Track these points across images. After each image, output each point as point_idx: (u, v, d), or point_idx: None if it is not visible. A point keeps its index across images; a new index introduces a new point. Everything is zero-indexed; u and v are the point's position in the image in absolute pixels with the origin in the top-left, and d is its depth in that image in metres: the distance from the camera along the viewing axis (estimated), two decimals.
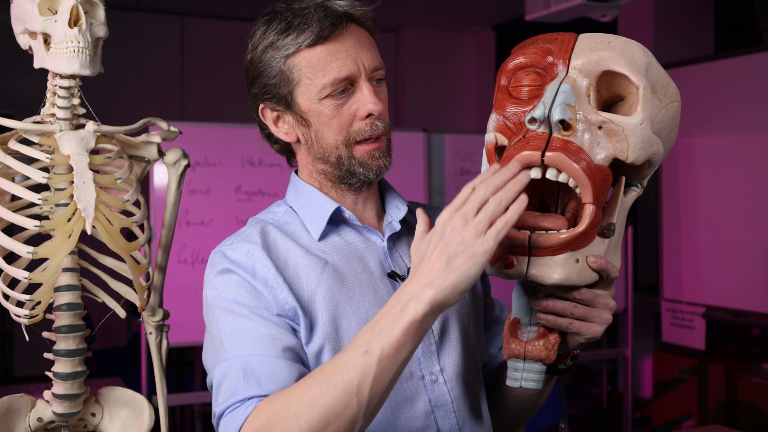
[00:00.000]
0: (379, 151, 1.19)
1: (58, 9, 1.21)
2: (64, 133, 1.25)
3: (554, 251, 0.99)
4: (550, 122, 0.99)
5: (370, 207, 1.26)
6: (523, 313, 1.09)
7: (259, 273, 1.13)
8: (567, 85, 1.01)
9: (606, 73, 1.03)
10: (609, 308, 1.06)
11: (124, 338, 5.24)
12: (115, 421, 1.36)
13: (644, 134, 1.01)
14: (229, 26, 5.98)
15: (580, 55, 1.04)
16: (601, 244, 1.04)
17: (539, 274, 1.00)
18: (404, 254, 1.24)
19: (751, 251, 3.82)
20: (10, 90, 5.42)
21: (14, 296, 1.26)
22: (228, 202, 3.65)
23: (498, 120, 1.08)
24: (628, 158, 1.01)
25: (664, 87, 1.06)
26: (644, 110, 1.01)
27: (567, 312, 1.04)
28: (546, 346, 1.06)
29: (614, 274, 1.04)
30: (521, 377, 1.07)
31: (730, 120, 3.92)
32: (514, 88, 1.08)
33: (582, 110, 1.01)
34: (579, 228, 0.99)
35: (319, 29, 1.14)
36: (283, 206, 1.26)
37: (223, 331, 1.11)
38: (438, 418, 1.17)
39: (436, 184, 4.24)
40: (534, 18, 3.81)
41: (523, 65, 1.08)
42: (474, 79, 6.67)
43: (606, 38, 1.05)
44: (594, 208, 0.99)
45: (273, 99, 1.21)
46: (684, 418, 3.94)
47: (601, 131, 1.01)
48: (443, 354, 1.20)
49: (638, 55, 1.03)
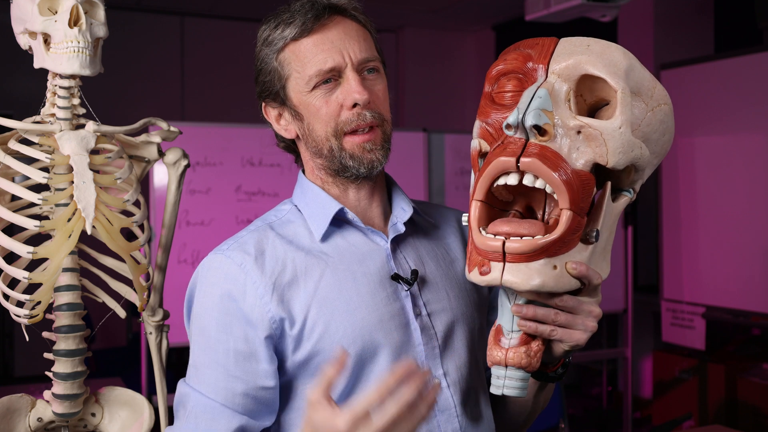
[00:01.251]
0: (371, 144, 1.17)
1: (58, 9, 1.21)
2: (64, 133, 1.25)
3: (530, 257, 0.98)
4: (525, 128, 0.99)
5: (375, 205, 1.25)
6: (505, 319, 1.07)
7: (249, 289, 1.13)
8: (543, 90, 1.00)
9: (585, 76, 1.02)
10: (593, 316, 1.05)
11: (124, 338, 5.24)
12: (115, 421, 1.36)
13: (623, 138, 1.00)
14: (229, 26, 5.98)
15: (559, 59, 1.03)
16: (583, 251, 1.02)
17: (514, 281, 0.99)
18: (408, 256, 1.23)
19: (751, 251, 3.82)
20: (10, 90, 5.42)
21: (14, 296, 1.26)
22: (228, 202, 3.65)
23: (481, 126, 1.08)
24: (608, 163, 1.00)
25: (649, 90, 1.04)
26: (623, 113, 1.00)
27: (548, 319, 1.03)
28: (527, 353, 1.04)
29: (596, 281, 1.03)
30: (503, 384, 1.05)
31: (730, 120, 3.92)
32: (497, 94, 1.08)
33: (560, 115, 1.00)
34: (554, 234, 0.98)
35: (303, 21, 1.15)
36: (288, 205, 1.26)
37: (193, 353, 1.18)
38: (441, 423, 1.16)
39: (436, 184, 4.24)
40: (534, 18, 3.80)
41: (505, 71, 1.07)
42: (474, 79, 6.67)
43: (585, 42, 1.04)
44: (571, 213, 0.98)
45: (271, 96, 1.21)
46: (684, 418, 3.94)
47: (580, 136, 1.00)
48: (446, 358, 1.19)
49: (617, 58, 1.02)
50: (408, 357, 1.16)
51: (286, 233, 1.20)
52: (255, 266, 1.14)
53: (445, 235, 1.31)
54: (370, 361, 1.13)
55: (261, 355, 1.13)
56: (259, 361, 1.13)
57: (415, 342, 1.17)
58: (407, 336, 1.16)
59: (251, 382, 1.13)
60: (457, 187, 4.30)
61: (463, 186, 4.31)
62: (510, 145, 1.01)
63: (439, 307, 1.20)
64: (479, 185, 1.04)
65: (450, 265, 1.26)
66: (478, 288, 1.29)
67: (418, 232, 1.27)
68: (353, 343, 1.12)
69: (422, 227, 1.28)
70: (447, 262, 1.26)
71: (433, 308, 1.20)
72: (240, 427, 1.12)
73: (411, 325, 1.17)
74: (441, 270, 1.24)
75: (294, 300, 1.13)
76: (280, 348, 1.14)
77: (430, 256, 1.25)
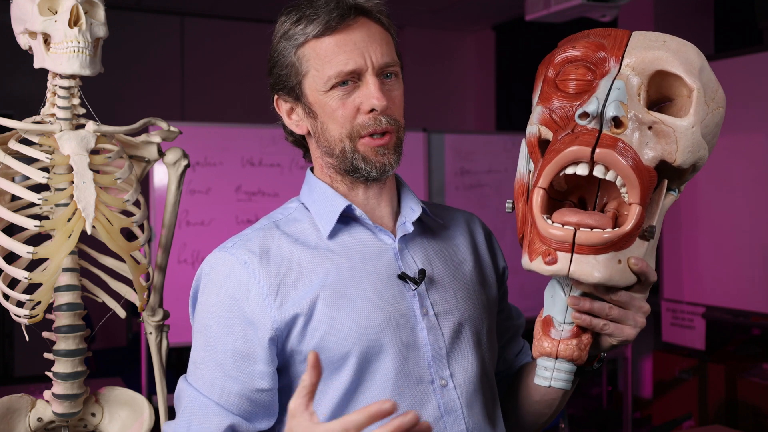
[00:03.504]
0: (384, 148, 1.17)
1: (58, 9, 1.21)
2: (64, 133, 1.25)
3: (598, 250, 0.97)
4: (603, 118, 0.97)
5: (384, 204, 1.24)
6: (557, 311, 1.06)
7: (252, 289, 1.13)
8: (621, 81, 0.98)
9: (659, 73, 1.00)
10: (644, 312, 1.05)
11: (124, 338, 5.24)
12: (115, 421, 1.36)
13: (694, 138, 0.99)
14: (229, 26, 5.98)
15: (634, 52, 1.01)
16: (641, 246, 1.01)
17: (581, 273, 0.97)
18: (416, 256, 1.22)
19: (751, 251, 3.82)
20: (10, 90, 5.41)
21: (14, 296, 1.26)
22: (228, 202, 3.65)
23: (544, 113, 1.04)
24: (676, 161, 0.99)
25: (713, 92, 1.04)
26: (696, 113, 0.99)
27: (603, 313, 1.03)
28: (579, 346, 1.04)
29: (653, 277, 1.02)
30: (551, 376, 1.05)
31: (730, 120, 3.88)
32: (561, 81, 1.05)
33: (633, 109, 0.98)
34: (625, 228, 0.97)
35: (327, 20, 1.14)
36: (295, 203, 1.26)
37: (193, 350, 1.18)
38: (447, 424, 1.15)
39: (436, 184, 4.24)
40: (534, 18, 3.80)
41: (573, 58, 1.05)
42: (474, 79, 6.66)
43: (661, 37, 1.03)
44: (641, 208, 0.97)
45: (285, 90, 1.20)
46: (684, 418, 3.94)
47: (651, 131, 0.99)
48: (453, 359, 1.18)
49: (693, 57, 1.01)
50: (414, 357, 1.15)
51: (292, 231, 1.20)
52: (259, 265, 1.14)
53: (454, 236, 1.30)
54: (375, 360, 1.13)
55: (259, 356, 1.12)
56: (256, 362, 1.12)
57: (422, 342, 1.16)
58: (413, 336, 1.16)
59: (247, 383, 1.12)
60: (457, 187, 4.29)
61: (463, 186, 4.31)
62: (582, 134, 0.98)
63: (446, 308, 1.20)
64: (545, 173, 1.01)
65: (458, 266, 1.26)
66: (487, 290, 1.28)
67: (427, 232, 1.27)
68: (358, 341, 1.12)
69: (431, 228, 1.28)
70: (455, 263, 1.26)
71: (440, 309, 1.19)
72: (231, 426, 1.12)
73: (418, 325, 1.16)
74: (449, 271, 1.24)
75: (299, 297, 1.13)
76: (287, 348, 1.13)
77: (438, 256, 1.24)
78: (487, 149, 4.35)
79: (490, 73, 6.47)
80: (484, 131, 5.01)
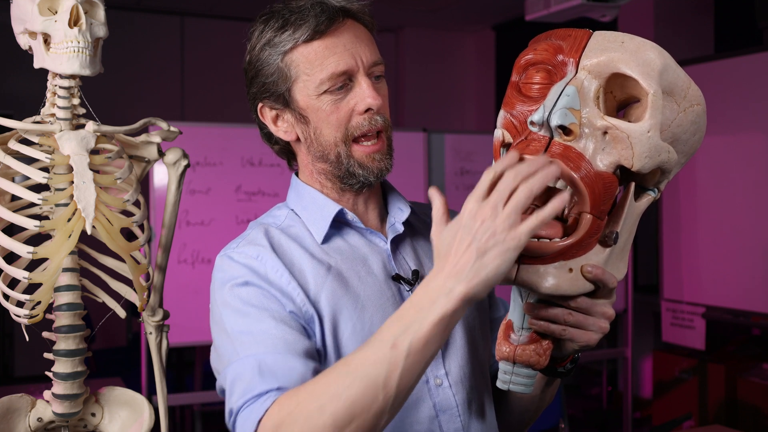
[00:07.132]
0: (379, 154, 1.18)
1: (58, 9, 1.21)
2: (64, 133, 1.25)
3: (545, 260, 0.96)
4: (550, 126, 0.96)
5: (372, 208, 1.25)
6: (516, 315, 1.05)
7: (273, 278, 1.12)
8: (572, 87, 0.97)
9: (615, 75, 0.98)
10: (606, 317, 1.03)
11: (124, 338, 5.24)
12: (115, 421, 1.36)
13: (651, 142, 0.97)
14: (229, 26, 5.98)
15: (591, 54, 0.99)
16: (601, 253, 0.99)
17: (528, 282, 0.96)
18: (408, 257, 1.23)
19: (751, 251, 3.82)
20: (10, 90, 5.42)
21: (14, 296, 1.26)
22: (228, 202, 3.65)
23: (506, 117, 1.04)
24: (633, 166, 0.97)
25: (683, 90, 1.01)
26: (653, 117, 0.97)
27: (560, 319, 1.01)
28: (537, 351, 1.02)
29: (612, 284, 1.00)
30: (510, 380, 1.04)
31: (730, 120, 3.91)
32: (524, 84, 1.04)
33: (587, 114, 0.97)
34: (571, 238, 0.95)
35: (315, 24, 1.14)
36: (284, 209, 1.25)
37: (235, 332, 1.09)
38: (442, 423, 1.16)
39: (436, 184, 4.23)
40: (534, 18, 3.81)
41: (534, 62, 1.04)
42: (474, 79, 6.66)
43: (620, 38, 1.00)
44: (591, 217, 0.95)
45: (272, 97, 1.20)
46: (684, 418, 3.94)
47: (606, 137, 0.96)
48: (448, 357, 1.19)
49: (652, 58, 0.99)
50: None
51: (290, 234, 1.20)
52: (272, 254, 1.13)
53: None
54: None
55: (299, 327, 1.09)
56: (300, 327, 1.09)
57: None
58: None
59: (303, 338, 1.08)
60: (457, 187, 4.30)
61: (463, 186, 4.31)
62: (533, 142, 0.98)
63: None
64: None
65: None
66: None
67: (416, 232, 1.27)
68: (361, 342, 1.12)
69: (419, 227, 1.28)
70: None
71: None
72: (316, 371, 1.05)
73: None
74: None
75: (306, 295, 1.13)
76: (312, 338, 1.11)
77: (428, 256, 1.25)
78: (487, 149, 4.35)
79: (490, 73, 6.47)
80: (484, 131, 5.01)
